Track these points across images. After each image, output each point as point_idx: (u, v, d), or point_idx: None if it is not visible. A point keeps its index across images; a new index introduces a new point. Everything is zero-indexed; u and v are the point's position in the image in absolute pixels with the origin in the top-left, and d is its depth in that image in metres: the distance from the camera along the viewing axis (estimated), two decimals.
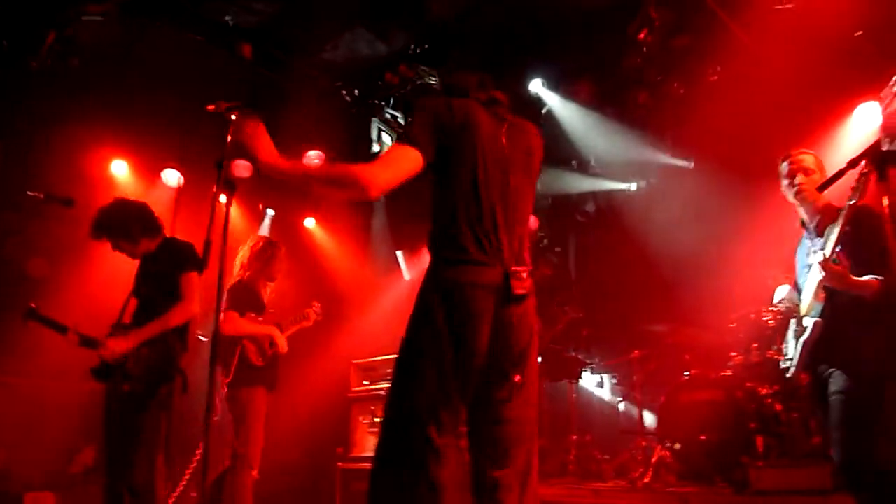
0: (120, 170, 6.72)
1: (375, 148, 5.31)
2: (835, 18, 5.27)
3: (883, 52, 5.12)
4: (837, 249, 3.03)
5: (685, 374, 5.83)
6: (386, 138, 5.31)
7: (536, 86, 7.00)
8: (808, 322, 3.21)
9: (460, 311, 2.09)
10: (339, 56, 6.19)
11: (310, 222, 8.14)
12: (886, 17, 5.02)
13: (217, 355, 2.51)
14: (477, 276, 2.13)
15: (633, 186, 8.09)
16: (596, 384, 7.71)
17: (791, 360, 3.37)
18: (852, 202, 2.88)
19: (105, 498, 3.49)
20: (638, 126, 7.11)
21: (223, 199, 2.68)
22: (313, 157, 7.28)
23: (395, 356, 2.24)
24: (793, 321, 3.42)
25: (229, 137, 2.77)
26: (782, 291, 3.56)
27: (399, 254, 8.20)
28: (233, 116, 2.80)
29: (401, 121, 5.03)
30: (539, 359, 6.61)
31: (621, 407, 7.36)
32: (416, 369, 2.12)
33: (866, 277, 3.01)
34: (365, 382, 5.94)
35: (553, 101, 7.12)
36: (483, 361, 2.12)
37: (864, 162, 2.46)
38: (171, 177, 6.91)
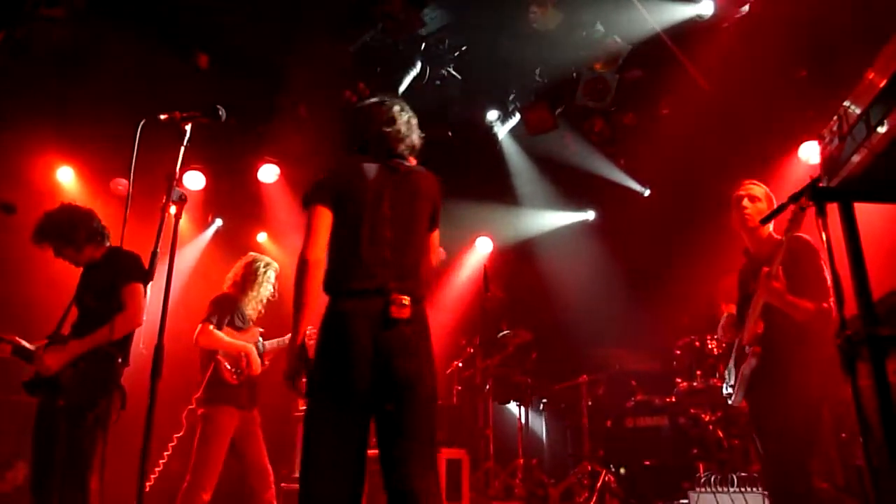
0: (66, 177, 6.53)
1: None
2: (781, 59, 5.50)
3: (826, 93, 5.35)
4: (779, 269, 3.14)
5: (631, 399, 5.91)
6: None
7: (493, 115, 7.10)
8: (749, 350, 3.31)
9: (341, 337, 2.40)
10: (298, 69, 6.15)
11: (262, 237, 8.02)
12: (831, 60, 5.26)
13: (160, 371, 2.44)
14: (356, 306, 2.43)
15: (591, 216, 8.24)
16: (543, 408, 7.74)
17: (733, 387, 3.45)
18: (789, 234, 3.00)
19: None
20: (594, 153, 7.24)
21: (173, 210, 2.62)
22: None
23: None
24: (734, 349, 3.51)
25: (183, 148, 2.73)
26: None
27: None
28: (187, 127, 2.77)
29: None
30: (487, 386, 6.65)
31: (568, 431, 7.40)
32: (313, 392, 2.46)
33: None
34: None
35: (510, 131, 7.22)
36: (368, 381, 2.38)
37: (804, 197, 2.57)
38: (120, 186, 6.75)
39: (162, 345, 2.44)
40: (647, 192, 7.55)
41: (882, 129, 1.57)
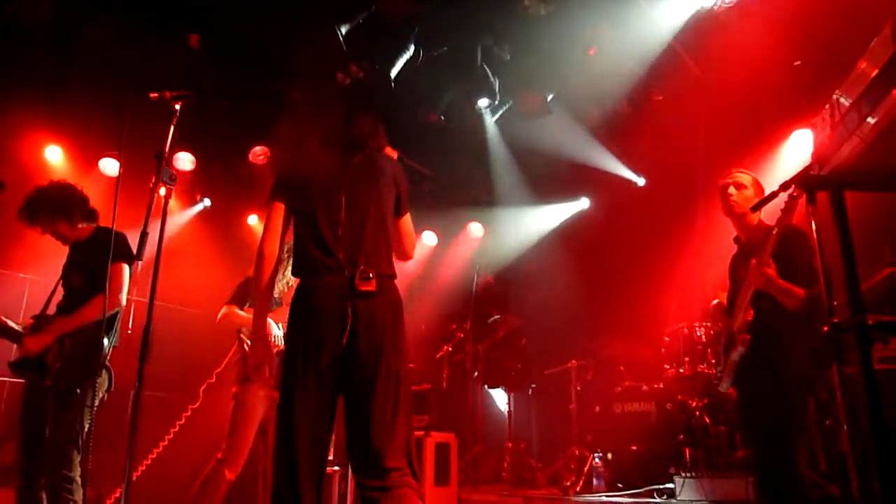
0: (54, 156, 6.47)
1: None
2: (775, 48, 5.49)
3: (819, 82, 5.35)
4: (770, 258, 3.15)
5: (619, 385, 5.95)
6: None
7: (484, 102, 7.05)
8: (737, 337, 3.32)
9: (310, 307, 2.52)
10: (291, 51, 6.08)
11: (252, 219, 7.98)
12: (823, 49, 5.26)
13: (148, 352, 2.43)
14: (323, 281, 2.55)
15: (584, 204, 8.23)
16: (532, 392, 7.79)
17: (722, 373, 3.47)
18: (782, 222, 3.01)
19: (20, 501, 3.31)
20: (587, 141, 7.22)
21: (162, 191, 2.60)
22: (258, 152, 7.14)
23: None
24: (724, 336, 3.53)
25: (173, 127, 2.71)
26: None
27: None
28: (177, 106, 2.74)
29: None
30: (477, 371, 6.65)
31: (556, 416, 7.45)
32: (286, 364, 2.52)
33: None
34: None
35: (502, 117, 7.17)
36: (335, 347, 2.46)
37: (794, 185, 2.57)
38: (110, 166, 6.69)
39: (150, 326, 2.43)
40: (641, 182, 7.53)
41: (872, 120, 1.57)
